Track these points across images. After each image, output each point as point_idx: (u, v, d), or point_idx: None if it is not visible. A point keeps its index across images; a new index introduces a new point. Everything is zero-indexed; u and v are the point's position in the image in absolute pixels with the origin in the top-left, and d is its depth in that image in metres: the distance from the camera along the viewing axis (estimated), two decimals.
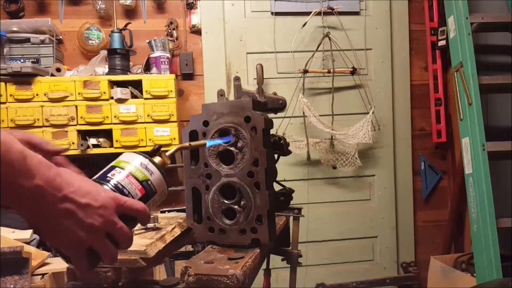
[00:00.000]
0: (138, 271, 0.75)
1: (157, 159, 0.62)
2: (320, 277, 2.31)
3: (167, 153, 0.65)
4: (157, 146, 0.64)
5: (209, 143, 0.80)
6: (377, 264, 2.41)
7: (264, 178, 0.81)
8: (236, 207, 0.83)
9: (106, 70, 2.06)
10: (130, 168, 0.59)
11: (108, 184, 0.56)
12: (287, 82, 2.31)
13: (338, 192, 2.39)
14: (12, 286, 1.34)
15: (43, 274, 1.49)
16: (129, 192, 0.57)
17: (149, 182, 0.60)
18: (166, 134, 1.97)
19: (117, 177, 0.57)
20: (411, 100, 2.44)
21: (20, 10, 2.17)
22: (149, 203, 0.60)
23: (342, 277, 2.32)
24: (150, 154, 0.63)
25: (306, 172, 2.34)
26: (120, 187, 0.57)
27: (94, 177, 0.58)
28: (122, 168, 0.59)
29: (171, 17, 2.29)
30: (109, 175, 0.58)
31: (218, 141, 0.83)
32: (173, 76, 2.01)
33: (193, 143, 0.73)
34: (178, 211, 1.30)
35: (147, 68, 2.15)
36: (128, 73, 2.04)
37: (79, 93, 1.92)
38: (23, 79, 1.89)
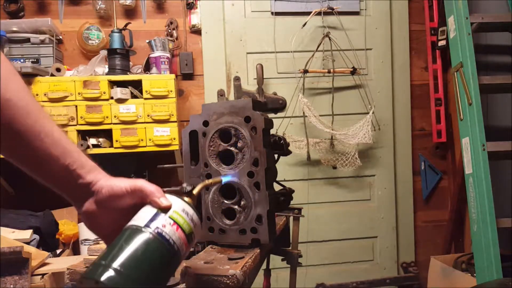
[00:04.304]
0: None
1: (187, 199, 0.60)
2: (320, 277, 2.31)
3: (194, 192, 0.62)
4: (191, 187, 0.62)
5: (224, 179, 0.79)
6: (377, 264, 2.41)
7: (264, 178, 0.81)
8: (236, 207, 0.83)
9: (106, 70, 2.06)
10: (179, 220, 0.55)
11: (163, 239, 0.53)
12: (287, 82, 2.31)
13: (338, 192, 2.39)
14: (12, 286, 1.34)
15: (43, 274, 1.49)
16: (178, 248, 0.54)
17: (193, 235, 0.57)
18: (166, 134, 1.96)
19: (168, 229, 0.54)
20: (411, 100, 2.44)
21: (20, 10, 2.17)
22: (186, 253, 0.57)
23: (342, 277, 2.32)
24: (179, 193, 0.61)
25: (306, 172, 2.34)
26: (172, 242, 0.53)
27: (135, 223, 0.54)
28: (171, 219, 0.55)
29: (171, 17, 2.29)
30: (159, 225, 0.53)
31: (232, 178, 0.81)
32: (173, 76, 2.01)
33: (211, 180, 0.73)
34: None
35: (147, 68, 2.15)
36: (128, 73, 2.04)
37: (79, 93, 1.92)
38: (23, 79, 1.88)
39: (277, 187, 1.00)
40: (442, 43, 2.25)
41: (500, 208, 1.70)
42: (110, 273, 0.48)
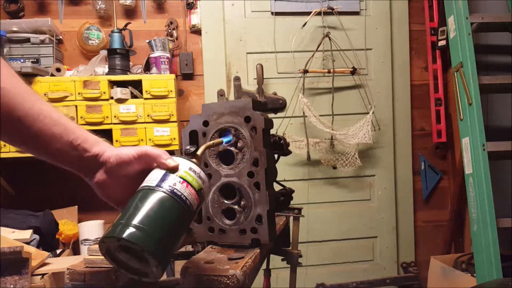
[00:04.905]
0: None
1: (194, 160, 0.62)
2: (320, 277, 2.31)
3: (198, 153, 0.65)
4: (195, 148, 0.65)
5: (225, 140, 0.81)
6: (377, 264, 2.41)
7: (264, 178, 0.81)
8: (236, 207, 0.83)
9: (106, 70, 2.06)
10: (188, 178, 0.58)
11: (176, 195, 0.56)
12: (287, 82, 2.31)
13: (338, 192, 2.39)
14: (12, 286, 1.34)
15: (43, 274, 1.49)
16: (190, 204, 0.57)
17: (202, 191, 0.60)
18: (166, 134, 1.96)
19: (178, 186, 0.56)
20: (411, 100, 2.44)
21: (20, 10, 2.17)
22: (197, 209, 0.60)
23: (342, 277, 2.32)
24: (186, 155, 0.64)
25: (306, 172, 2.34)
26: (184, 198, 0.56)
27: (146, 184, 0.56)
28: (180, 177, 0.57)
29: (171, 17, 2.29)
30: (170, 184, 0.56)
31: (228, 138, 0.83)
32: (173, 76, 2.01)
33: (213, 142, 0.75)
34: None
35: (147, 68, 2.15)
36: (128, 73, 2.04)
37: (79, 93, 1.92)
38: (23, 79, 1.88)
39: (277, 187, 1.00)
40: (442, 43, 2.25)
41: (500, 208, 1.70)
42: (130, 230, 0.49)
